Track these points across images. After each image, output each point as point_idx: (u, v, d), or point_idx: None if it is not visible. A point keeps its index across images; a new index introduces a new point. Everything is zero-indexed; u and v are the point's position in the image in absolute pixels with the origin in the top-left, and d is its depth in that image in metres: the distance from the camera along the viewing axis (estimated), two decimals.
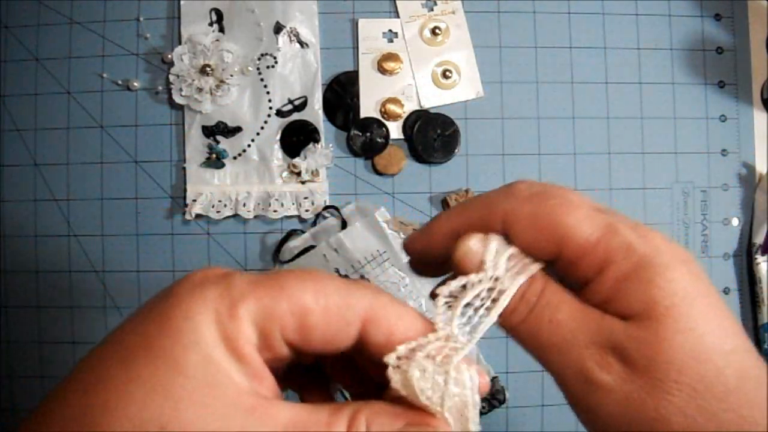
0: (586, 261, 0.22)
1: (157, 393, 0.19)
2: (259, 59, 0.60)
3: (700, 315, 0.21)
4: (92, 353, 0.20)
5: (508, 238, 0.23)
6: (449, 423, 0.22)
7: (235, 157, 0.60)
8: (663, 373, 0.20)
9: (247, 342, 0.20)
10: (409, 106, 0.61)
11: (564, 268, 0.23)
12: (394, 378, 0.22)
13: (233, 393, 0.19)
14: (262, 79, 0.60)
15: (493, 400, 0.58)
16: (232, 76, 0.60)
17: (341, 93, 0.61)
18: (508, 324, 0.23)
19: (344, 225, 0.60)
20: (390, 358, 0.22)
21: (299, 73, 0.61)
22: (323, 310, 0.21)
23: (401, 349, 0.22)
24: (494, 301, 0.23)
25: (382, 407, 0.22)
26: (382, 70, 0.61)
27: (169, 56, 0.60)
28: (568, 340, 0.21)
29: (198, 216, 0.60)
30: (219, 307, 0.20)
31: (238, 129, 0.60)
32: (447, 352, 0.22)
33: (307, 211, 0.60)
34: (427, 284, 0.60)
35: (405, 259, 0.60)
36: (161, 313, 0.20)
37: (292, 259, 0.59)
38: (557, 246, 0.22)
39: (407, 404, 0.22)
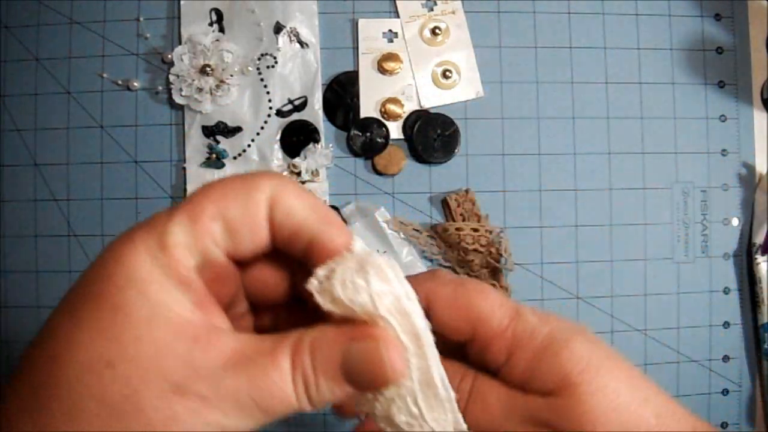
0: (497, 344, 0.25)
1: (100, 334, 0.20)
2: (259, 59, 0.60)
3: (608, 374, 0.23)
4: (47, 319, 0.22)
5: (429, 316, 0.25)
6: (392, 324, 0.22)
7: (235, 157, 0.60)
8: (590, 430, 0.22)
9: (185, 267, 0.21)
10: (409, 106, 0.61)
11: (477, 349, 0.25)
12: (322, 300, 0.22)
13: (174, 324, 0.20)
14: (262, 79, 0.60)
15: None
16: (232, 76, 0.60)
17: (341, 93, 0.61)
18: None
19: None
20: (312, 284, 0.22)
21: (299, 73, 0.61)
22: (238, 203, 0.22)
23: (321, 272, 0.22)
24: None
25: (324, 329, 0.22)
26: (382, 70, 0.61)
27: (169, 56, 0.60)
28: (503, 422, 0.24)
29: None
30: (148, 243, 0.21)
31: (238, 129, 0.60)
32: (365, 263, 0.22)
33: None
34: None
35: (405, 258, 0.60)
36: (97, 265, 0.21)
37: None
38: (472, 327, 0.25)
39: (351, 323, 0.22)
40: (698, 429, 0.24)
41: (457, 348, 0.27)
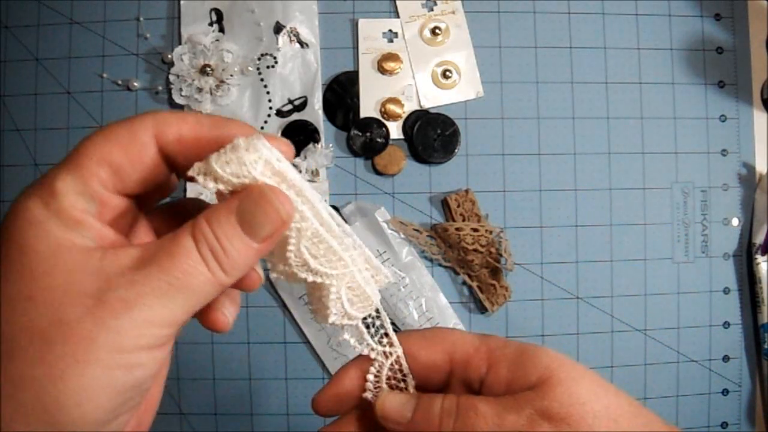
0: (475, 360, 0.28)
1: (13, 274, 0.21)
2: (259, 59, 0.60)
3: (581, 370, 0.26)
4: None
5: (407, 361, 0.29)
6: (262, 180, 0.23)
7: None
8: (580, 412, 0.25)
9: (76, 209, 0.22)
10: (409, 106, 0.61)
11: (459, 370, 0.28)
12: (203, 180, 0.23)
13: (80, 250, 0.21)
14: (262, 79, 0.60)
15: None
16: (232, 76, 0.60)
17: (341, 93, 0.61)
18: None
19: None
20: (193, 169, 0.23)
21: (299, 73, 0.61)
22: (121, 146, 0.23)
23: (198, 164, 0.24)
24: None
25: (214, 207, 0.23)
26: (382, 70, 0.61)
27: (169, 56, 0.60)
28: (500, 422, 0.25)
29: None
30: (39, 193, 0.22)
31: None
32: (235, 142, 0.24)
33: None
34: (426, 286, 0.60)
35: (405, 258, 0.60)
36: (1, 226, 0.22)
37: None
38: (449, 354, 0.28)
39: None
40: (660, 421, 0.26)
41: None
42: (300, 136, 0.60)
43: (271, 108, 0.60)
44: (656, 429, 0.25)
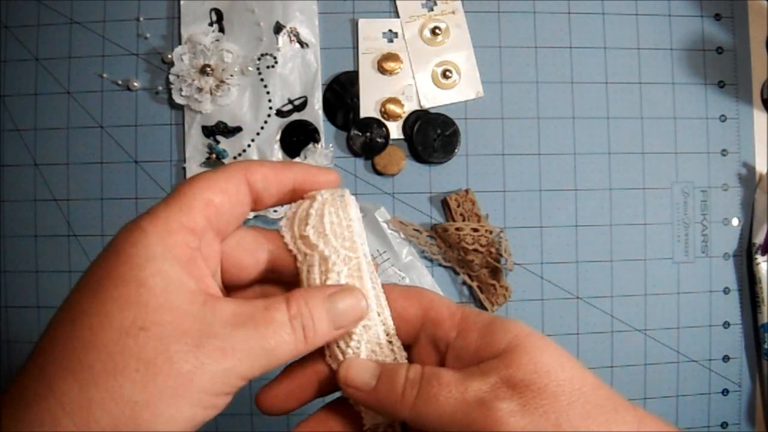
0: (448, 323, 0.29)
1: (129, 305, 0.23)
2: (259, 59, 0.60)
3: (544, 339, 0.27)
4: (66, 300, 0.25)
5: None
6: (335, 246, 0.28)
7: (235, 157, 0.60)
8: (544, 380, 0.25)
9: (189, 246, 0.25)
10: (409, 106, 0.61)
11: (430, 328, 0.29)
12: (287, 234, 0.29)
13: (187, 293, 0.24)
14: (262, 79, 0.60)
15: None
16: (232, 76, 0.59)
17: (341, 93, 0.61)
18: (405, 408, 0.26)
19: None
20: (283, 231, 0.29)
21: (299, 73, 0.61)
22: (218, 188, 0.27)
23: (284, 220, 0.29)
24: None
25: (306, 289, 0.27)
26: (382, 70, 0.61)
27: (169, 56, 0.60)
28: (463, 392, 0.25)
29: None
30: (156, 230, 0.25)
31: (238, 129, 0.60)
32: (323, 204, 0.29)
33: None
34: (426, 286, 0.60)
35: (405, 258, 0.60)
36: (112, 250, 0.25)
37: None
38: (424, 310, 0.29)
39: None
40: (623, 398, 0.27)
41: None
42: (300, 136, 0.60)
43: (271, 108, 0.60)
44: (618, 402, 0.25)
